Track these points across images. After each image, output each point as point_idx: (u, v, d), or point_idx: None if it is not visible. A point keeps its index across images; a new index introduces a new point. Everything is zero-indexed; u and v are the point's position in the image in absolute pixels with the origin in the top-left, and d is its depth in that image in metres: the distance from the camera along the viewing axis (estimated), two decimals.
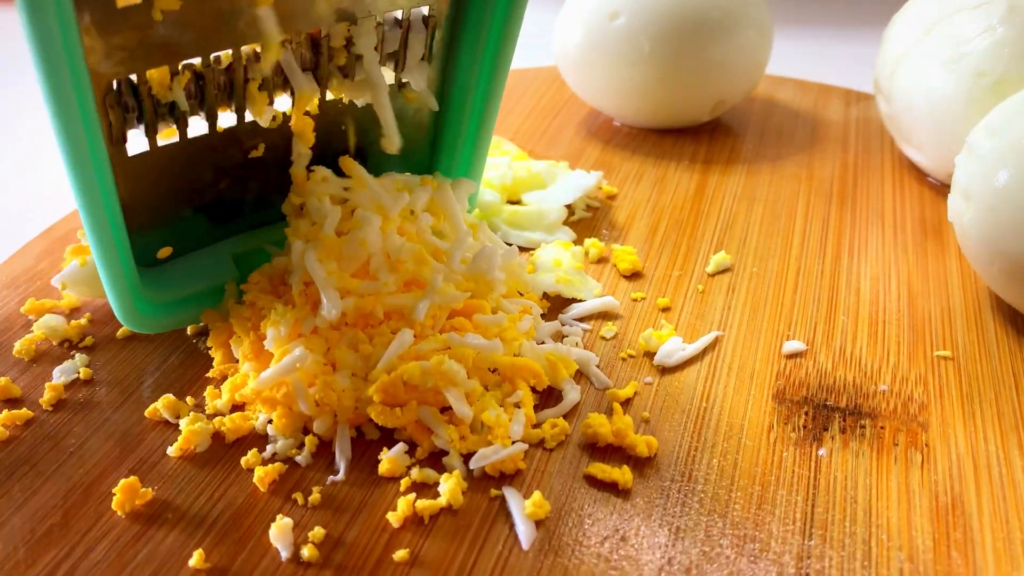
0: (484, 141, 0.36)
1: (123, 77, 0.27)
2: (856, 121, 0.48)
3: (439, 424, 0.28)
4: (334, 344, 0.30)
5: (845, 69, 0.55)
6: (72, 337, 0.33)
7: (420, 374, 0.28)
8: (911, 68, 0.40)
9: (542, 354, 0.31)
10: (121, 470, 0.28)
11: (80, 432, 0.30)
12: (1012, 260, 0.31)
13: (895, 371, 0.31)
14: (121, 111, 0.27)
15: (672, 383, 0.31)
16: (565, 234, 0.38)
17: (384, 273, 0.30)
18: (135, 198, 0.30)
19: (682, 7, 0.43)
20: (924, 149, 0.40)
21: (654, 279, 0.36)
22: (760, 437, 0.29)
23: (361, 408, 0.29)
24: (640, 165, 0.44)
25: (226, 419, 0.29)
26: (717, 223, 0.40)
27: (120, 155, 0.28)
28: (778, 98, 0.51)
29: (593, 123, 0.48)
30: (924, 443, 0.29)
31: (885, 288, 0.35)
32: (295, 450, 0.29)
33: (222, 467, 0.28)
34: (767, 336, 0.33)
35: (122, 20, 0.25)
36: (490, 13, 0.33)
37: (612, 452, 0.29)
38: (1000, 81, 0.36)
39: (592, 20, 0.45)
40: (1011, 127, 0.31)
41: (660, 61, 0.44)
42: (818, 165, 0.44)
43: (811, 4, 0.70)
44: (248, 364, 0.30)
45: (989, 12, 0.38)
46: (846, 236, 0.39)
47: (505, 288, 0.33)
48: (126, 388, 0.31)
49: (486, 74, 0.34)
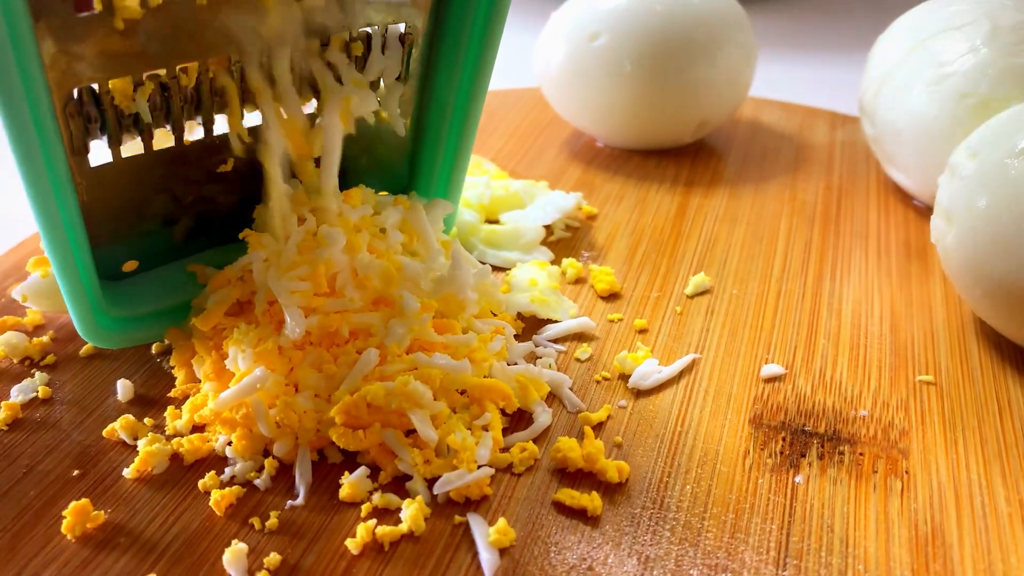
0: (462, 161, 0.36)
1: (84, 86, 0.26)
2: (841, 144, 0.48)
3: (403, 447, 0.27)
4: (297, 364, 0.29)
5: (832, 93, 0.55)
6: (33, 355, 0.33)
7: (384, 395, 0.27)
8: (895, 89, 0.39)
9: (513, 375, 0.30)
10: (74, 492, 0.27)
11: (34, 452, 0.29)
12: (994, 282, 0.30)
13: (876, 396, 0.31)
14: (82, 121, 0.26)
15: (647, 407, 0.30)
16: (543, 254, 0.38)
17: (351, 290, 0.29)
18: (98, 210, 0.29)
19: (663, 27, 0.43)
20: (908, 171, 0.40)
21: (632, 300, 0.36)
22: (735, 463, 0.28)
23: (323, 430, 0.28)
24: (622, 186, 0.44)
25: (184, 440, 0.28)
26: (698, 244, 0.39)
27: (82, 166, 0.28)
28: (763, 120, 0.50)
29: (576, 144, 0.48)
30: (904, 470, 0.28)
31: (867, 311, 0.35)
32: (254, 473, 0.28)
33: (179, 490, 0.27)
34: (745, 359, 0.32)
35: (83, 28, 0.25)
36: (468, 32, 0.32)
37: (582, 477, 0.28)
38: (983, 102, 0.36)
39: (573, 40, 0.44)
40: (993, 148, 0.31)
41: (641, 81, 0.43)
42: (802, 187, 0.43)
43: (799, 27, 0.70)
44: (209, 384, 0.29)
45: (972, 33, 0.37)
46: (829, 258, 0.38)
47: (477, 308, 0.32)
48: (85, 407, 0.30)
49: (464, 94, 0.34)
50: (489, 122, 0.49)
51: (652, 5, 0.44)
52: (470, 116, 0.34)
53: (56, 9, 0.24)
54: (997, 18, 0.37)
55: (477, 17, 0.31)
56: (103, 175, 0.28)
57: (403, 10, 0.31)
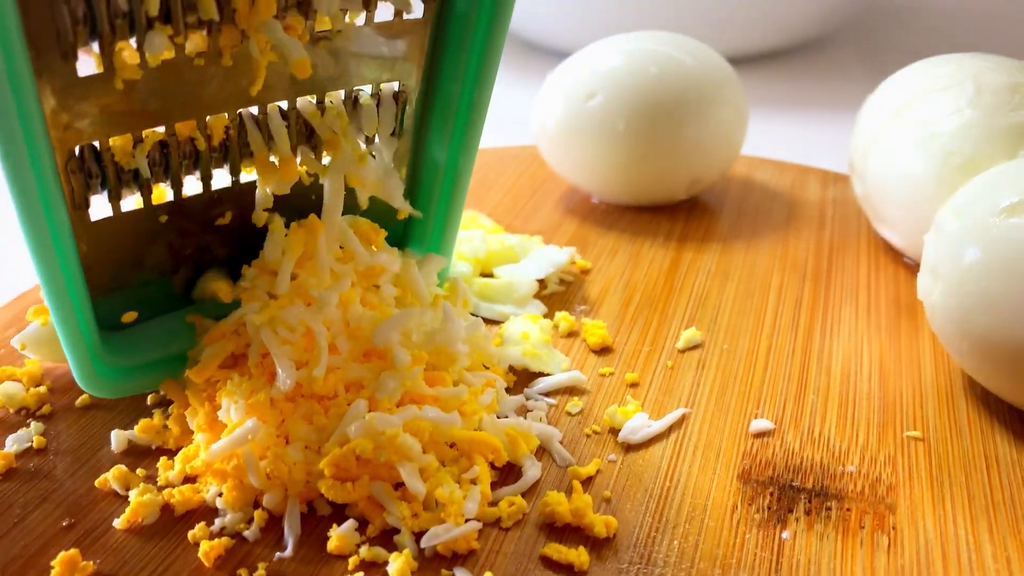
0: (455, 216, 0.36)
1: (85, 144, 0.27)
2: (833, 201, 0.48)
3: (391, 500, 0.28)
4: (288, 416, 0.29)
5: (823, 152, 0.56)
6: (30, 405, 0.33)
7: (373, 448, 0.28)
8: (883, 148, 0.40)
9: (503, 429, 0.30)
10: (64, 542, 0.27)
11: (26, 502, 0.29)
12: (979, 337, 0.30)
13: (864, 451, 0.31)
14: (84, 177, 0.27)
15: (636, 461, 0.30)
16: (536, 307, 0.38)
17: (342, 341, 0.30)
18: (98, 261, 0.30)
19: (656, 88, 0.44)
20: (897, 228, 0.40)
21: (623, 354, 0.36)
22: (723, 518, 0.28)
23: (313, 482, 0.28)
24: (615, 241, 0.44)
25: (176, 491, 0.29)
26: (689, 299, 0.39)
27: (83, 219, 0.28)
28: (756, 178, 0.51)
29: (571, 200, 0.49)
30: (891, 526, 0.28)
31: (857, 367, 0.35)
32: (244, 524, 0.28)
33: (169, 541, 0.28)
34: (735, 414, 0.33)
35: (84, 87, 0.26)
36: (459, 89, 0.33)
37: (570, 532, 0.28)
38: (969, 161, 0.36)
39: (570, 99, 0.45)
40: (976, 206, 0.31)
41: (635, 139, 0.44)
42: (793, 243, 0.44)
43: (791, 89, 0.71)
44: (201, 435, 0.30)
45: (957, 95, 0.38)
46: (819, 314, 0.38)
47: (469, 361, 0.33)
48: (79, 458, 0.31)
49: (456, 150, 0.34)
50: (486, 178, 0.50)
51: (646, 66, 0.45)
52: (462, 172, 0.35)
53: (58, 69, 0.25)
54: (981, 80, 0.38)
55: (468, 75, 0.32)
56: (103, 228, 0.29)
57: (396, 67, 0.32)
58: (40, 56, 0.24)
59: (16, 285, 0.41)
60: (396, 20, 0.30)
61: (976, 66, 0.39)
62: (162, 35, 0.25)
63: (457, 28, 0.31)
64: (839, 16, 0.78)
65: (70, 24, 0.24)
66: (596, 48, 0.47)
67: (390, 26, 0.31)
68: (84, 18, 0.24)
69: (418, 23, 0.31)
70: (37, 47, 0.24)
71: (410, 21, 0.31)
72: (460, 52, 0.32)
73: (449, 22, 0.31)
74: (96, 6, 0.24)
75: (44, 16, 0.23)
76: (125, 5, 0.24)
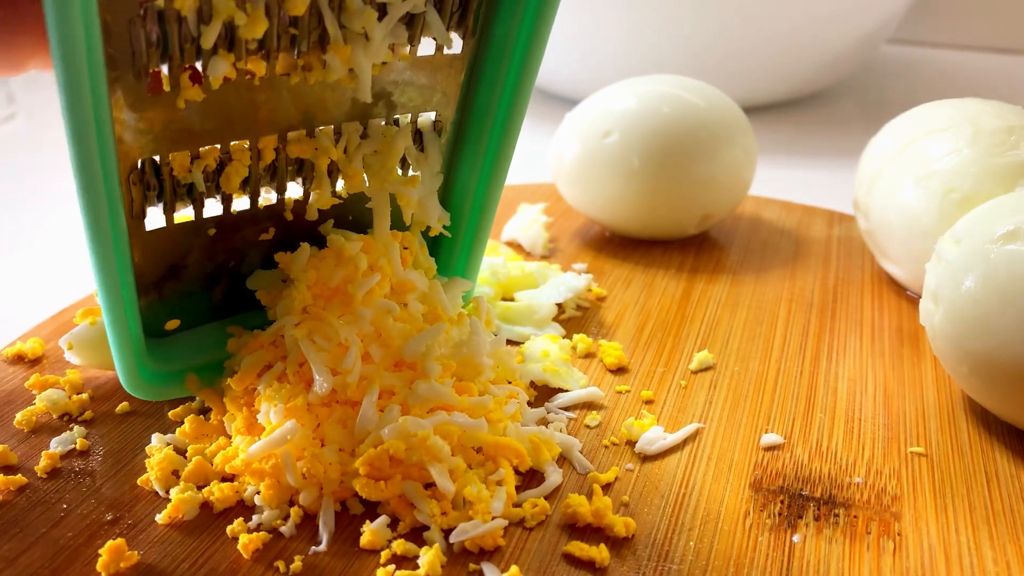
0: (481, 243, 0.38)
1: (147, 157, 0.29)
2: (838, 239, 0.50)
3: (421, 499, 0.29)
4: (324, 420, 0.31)
5: (829, 194, 0.58)
6: (72, 411, 0.35)
7: (405, 449, 0.29)
8: (886, 185, 0.42)
9: (526, 436, 0.32)
10: (109, 534, 0.29)
11: (72, 499, 0.30)
12: (978, 359, 0.32)
13: (869, 465, 0.32)
14: (143, 188, 0.29)
15: (652, 470, 0.32)
16: (555, 329, 0.40)
17: (375, 349, 0.32)
18: (149, 270, 0.32)
19: (669, 128, 0.46)
20: (900, 262, 0.42)
21: (639, 374, 0.38)
22: (736, 522, 0.29)
23: (347, 481, 0.30)
24: (630, 271, 0.46)
25: (215, 488, 0.30)
26: (701, 325, 0.41)
27: (139, 229, 0.30)
28: (764, 216, 0.53)
29: (587, 233, 0.51)
30: (896, 532, 0.29)
31: (862, 389, 0.37)
32: (280, 521, 0.29)
33: (208, 535, 0.29)
34: (746, 429, 0.34)
35: (151, 105, 0.28)
36: (491, 123, 0.35)
37: (591, 532, 0.29)
38: (967, 197, 0.38)
39: (586, 138, 0.48)
40: (974, 235, 0.33)
41: (649, 176, 0.46)
42: (800, 277, 0.46)
43: (798, 134, 0.74)
44: (240, 437, 0.31)
45: (956, 135, 0.40)
46: (825, 341, 0.40)
47: (493, 374, 0.34)
48: (120, 459, 0.32)
49: (485, 179, 0.36)
50: (507, 211, 0.52)
51: (660, 107, 0.47)
52: (490, 199, 0.37)
53: (129, 87, 0.27)
54: (978, 123, 0.40)
55: (500, 108, 0.34)
56: (156, 238, 0.31)
57: (435, 98, 0.34)
58: (115, 73, 0.26)
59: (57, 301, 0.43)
60: (437, 54, 0.33)
61: (974, 109, 0.41)
62: (225, 61, 0.27)
63: (492, 63, 0.33)
64: (843, 69, 0.81)
65: (145, 47, 0.26)
66: (612, 90, 0.50)
67: (431, 60, 0.33)
68: (157, 41, 0.26)
69: (456, 58, 0.33)
70: (113, 66, 0.26)
71: (449, 55, 0.33)
72: (494, 86, 0.34)
73: (485, 57, 0.34)
74: (169, 31, 0.26)
75: (123, 38, 0.25)
76: (194, 31, 0.26)
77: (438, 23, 0.31)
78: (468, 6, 0.32)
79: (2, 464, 0.32)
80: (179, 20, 0.26)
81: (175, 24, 0.26)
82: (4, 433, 0.33)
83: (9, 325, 0.41)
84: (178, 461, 0.31)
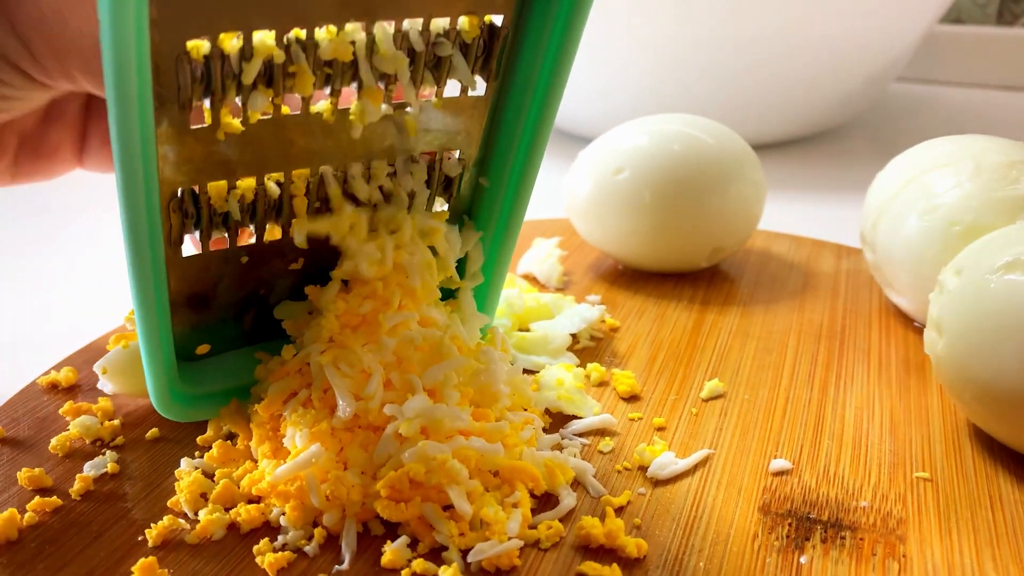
0: (499, 279, 0.39)
1: (187, 187, 0.30)
2: (847, 272, 0.51)
3: (440, 520, 0.30)
4: (347, 444, 0.32)
5: (838, 228, 0.59)
6: (104, 436, 0.36)
7: (425, 472, 0.30)
8: (891, 218, 0.43)
9: (541, 460, 0.33)
10: (140, 554, 0.30)
11: (105, 520, 0.32)
12: (980, 386, 0.33)
13: (876, 489, 0.33)
14: (181, 216, 0.31)
15: (664, 494, 0.33)
16: (569, 359, 0.41)
17: (395, 376, 0.33)
18: (183, 295, 0.33)
19: (679, 164, 0.48)
20: (905, 293, 0.43)
21: (651, 402, 0.39)
22: (745, 544, 0.30)
23: (368, 503, 0.31)
24: (642, 303, 0.47)
25: (242, 509, 0.31)
26: (712, 355, 0.42)
27: (175, 256, 0.32)
28: (774, 250, 0.54)
29: (600, 266, 0.52)
30: (902, 554, 0.30)
31: (869, 417, 0.37)
32: (304, 541, 0.30)
33: (235, 554, 0.30)
34: (755, 455, 0.35)
35: (192, 136, 0.29)
36: (511, 163, 0.36)
37: (604, 553, 0.30)
38: (968, 230, 0.39)
39: (599, 174, 0.49)
40: (975, 266, 0.34)
41: (660, 211, 0.47)
42: (809, 308, 0.47)
43: (807, 170, 0.75)
44: (266, 461, 0.32)
45: (958, 170, 0.41)
46: (833, 371, 0.41)
47: (510, 401, 0.35)
48: (151, 483, 0.34)
49: (504, 218, 0.38)
50: (523, 245, 0.53)
51: (670, 145, 0.49)
52: (509, 237, 0.38)
53: (174, 119, 0.28)
54: (980, 158, 0.41)
55: (520, 149, 0.36)
56: (191, 264, 0.33)
57: (459, 138, 0.35)
58: (162, 107, 0.28)
59: (88, 332, 0.44)
60: (462, 96, 0.34)
61: (975, 145, 0.43)
62: (264, 96, 0.29)
63: (514, 105, 0.35)
64: (854, 107, 0.83)
65: (190, 81, 0.28)
66: (623, 128, 0.51)
67: (456, 101, 0.34)
68: (201, 77, 0.28)
69: (480, 99, 0.35)
70: (160, 99, 0.28)
71: (473, 97, 0.35)
72: (515, 126, 0.35)
73: (507, 99, 0.35)
74: (213, 68, 0.28)
75: (170, 73, 0.27)
76: (236, 68, 0.28)
77: (463, 66, 0.33)
78: (492, 51, 0.33)
79: (38, 487, 0.33)
80: (223, 57, 0.28)
81: (219, 61, 0.28)
82: (40, 457, 0.35)
83: (44, 355, 0.43)
84: (206, 484, 0.33)
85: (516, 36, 0.33)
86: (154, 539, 0.30)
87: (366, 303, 0.34)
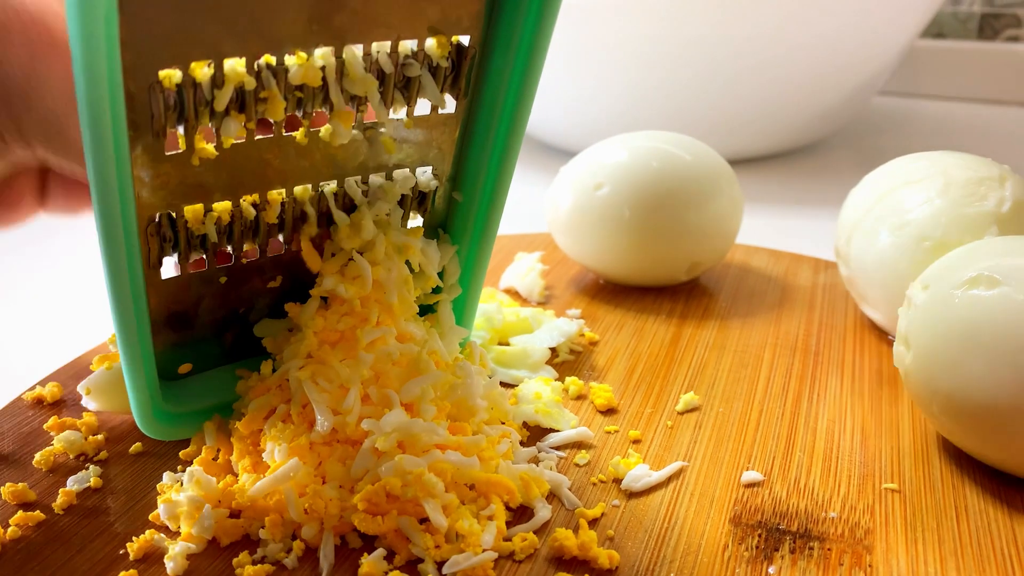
0: (475, 292, 0.40)
1: (164, 211, 0.31)
2: (823, 286, 0.52)
3: (416, 533, 0.31)
4: (325, 458, 0.33)
5: (815, 242, 0.60)
6: (88, 451, 0.36)
7: (401, 485, 0.31)
8: (864, 234, 0.44)
9: (517, 473, 0.33)
10: (122, 566, 0.30)
11: (87, 533, 0.32)
12: (946, 398, 0.34)
13: (844, 501, 0.34)
14: (159, 240, 0.31)
15: (637, 506, 0.34)
16: (548, 372, 0.42)
17: (373, 391, 0.33)
18: (164, 316, 0.34)
19: (658, 180, 0.48)
20: (878, 307, 0.44)
21: (627, 415, 0.39)
22: (716, 555, 0.31)
23: (346, 516, 0.31)
24: (622, 317, 0.48)
25: (222, 523, 0.32)
26: (689, 368, 0.43)
27: (154, 278, 0.32)
28: (752, 264, 0.55)
29: (581, 280, 0.53)
30: (868, 564, 0.31)
31: (840, 429, 0.38)
32: (283, 554, 0.31)
33: (215, 567, 0.31)
34: (728, 467, 0.36)
35: (167, 162, 0.30)
36: (483, 180, 0.37)
37: (577, 565, 0.31)
38: (938, 245, 0.40)
39: (579, 190, 0.50)
40: (941, 280, 0.35)
41: (639, 226, 0.48)
42: (785, 322, 0.48)
43: (784, 186, 0.76)
44: (246, 475, 0.33)
45: (929, 186, 0.42)
46: (807, 384, 0.42)
47: (487, 415, 0.36)
48: (133, 497, 0.34)
49: (478, 232, 0.38)
50: (506, 260, 0.54)
51: (649, 161, 0.49)
52: (483, 252, 0.39)
53: (148, 146, 0.29)
54: (949, 175, 0.42)
55: (491, 165, 0.37)
56: (170, 286, 0.33)
57: (431, 154, 0.36)
58: (136, 134, 0.28)
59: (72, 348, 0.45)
60: (432, 114, 0.35)
61: (945, 162, 0.43)
62: (236, 122, 0.30)
63: (483, 122, 0.36)
64: (836, 121, 0.84)
65: (163, 109, 0.28)
66: (603, 145, 0.52)
67: (427, 119, 0.35)
68: (175, 104, 0.28)
69: (450, 117, 0.36)
70: (135, 127, 0.28)
71: (444, 115, 0.35)
72: (486, 141, 0.36)
73: (477, 116, 0.36)
74: (185, 96, 0.28)
75: (144, 102, 0.28)
76: (208, 95, 0.29)
77: (432, 86, 0.33)
78: (460, 70, 0.34)
79: (21, 501, 0.34)
80: (194, 85, 0.28)
81: (191, 89, 0.28)
82: (24, 472, 0.35)
83: (29, 371, 0.43)
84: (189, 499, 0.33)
85: (483, 55, 0.34)
86: (135, 552, 0.31)
87: (344, 319, 0.34)
